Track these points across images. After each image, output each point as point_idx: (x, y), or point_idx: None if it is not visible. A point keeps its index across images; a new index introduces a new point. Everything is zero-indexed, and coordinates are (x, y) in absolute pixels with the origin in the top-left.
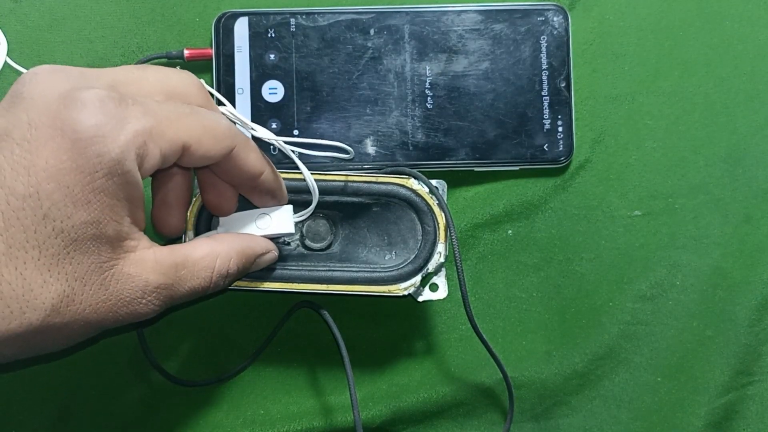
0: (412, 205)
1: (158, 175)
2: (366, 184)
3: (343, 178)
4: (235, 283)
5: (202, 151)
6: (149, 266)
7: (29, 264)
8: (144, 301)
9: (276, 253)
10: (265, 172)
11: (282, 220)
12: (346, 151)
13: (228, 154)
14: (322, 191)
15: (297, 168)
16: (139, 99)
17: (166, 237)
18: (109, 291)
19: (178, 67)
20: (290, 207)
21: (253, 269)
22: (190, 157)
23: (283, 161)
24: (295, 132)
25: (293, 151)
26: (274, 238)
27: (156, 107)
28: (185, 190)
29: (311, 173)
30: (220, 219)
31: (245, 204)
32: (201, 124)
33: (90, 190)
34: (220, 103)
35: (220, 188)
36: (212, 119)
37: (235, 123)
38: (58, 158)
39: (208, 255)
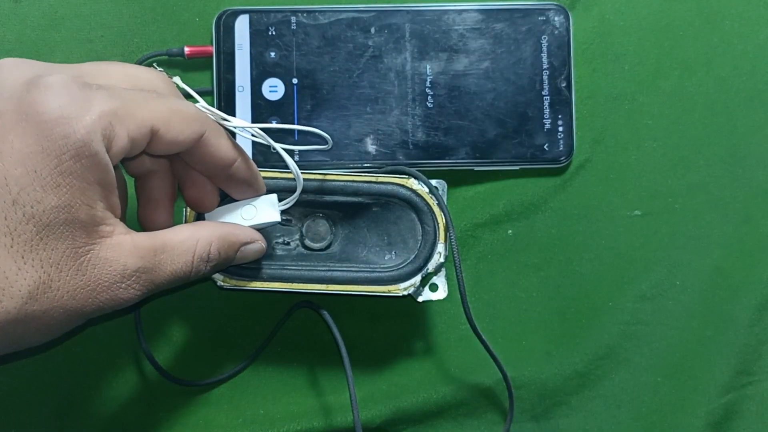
0: (412, 205)
1: (140, 173)
2: (366, 184)
3: (342, 177)
4: (235, 283)
5: (171, 135)
6: (127, 250)
7: (2, 251)
8: (123, 285)
9: (264, 245)
10: (239, 160)
11: (267, 209)
12: (324, 140)
13: (198, 140)
14: (322, 191)
15: (288, 167)
16: (105, 85)
17: None
18: (86, 276)
19: (159, 70)
20: (275, 196)
21: (240, 260)
22: (160, 141)
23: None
24: (295, 130)
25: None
26: (268, 236)
27: (122, 92)
28: (169, 187)
29: (311, 173)
30: (206, 214)
31: (231, 201)
32: (168, 107)
33: (58, 173)
34: (194, 100)
35: (199, 182)
36: (180, 104)
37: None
38: (24, 142)
39: (188, 239)
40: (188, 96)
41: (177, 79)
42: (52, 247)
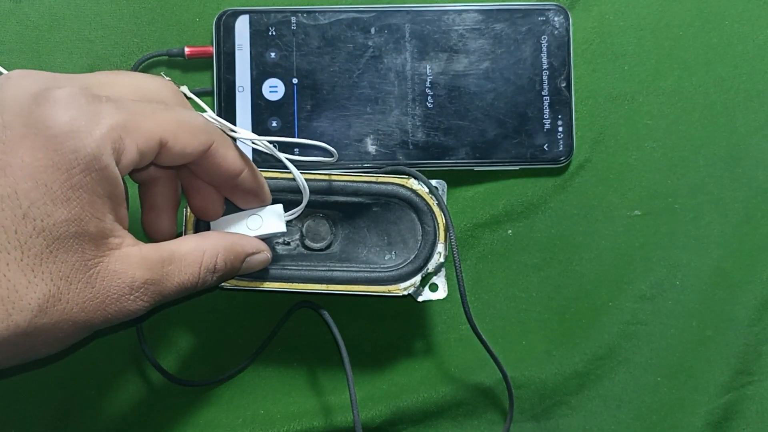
0: (412, 205)
1: (144, 180)
2: (366, 184)
3: (342, 177)
4: (235, 283)
5: (179, 147)
6: (135, 262)
7: (12, 265)
8: (132, 297)
9: (269, 255)
10: (245, 170)
11: (273, 219)
12: (329, 153)
13: (206, 151)
14: (322, 191)
15: (291, 173)
16: (113, 97)
17: (159, 241)
18: (95, 289)
19: (160, 74)
20: (280, 206)
21: (245, 270)
22: (168, 153)
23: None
24: (295, 130)
25: (275, 148)
26: (269, 239)
27: (130, 104)
28: (173, 193)
29: (311, 173)
30: (211, 223)
31: (236, 209)
32: (176, 119)
33: (68, 187)
34: (201, 109)
35: (204, 192)
36: (188, 115)
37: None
38: (33, 156)
39: (194, 250)
40: (196, 105)
41: (185, 89)
42: (62, 260)
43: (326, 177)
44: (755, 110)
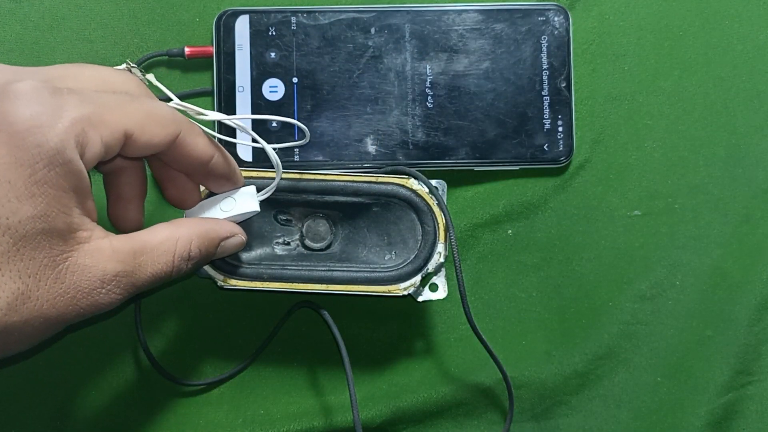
0: (412, 205)
1: (109, 171)
2: (366, 184)
3: (342, 177)
4: (235, 283)
5: (146, 138)
6: (106, 255)
7: None
8: (104, 291)
9: (244, 238)
10: (216, 156)
11: (246, 199)
12: (302, 133)
13: (174, 141)
14: (322, 191)
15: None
16: (76, 89)
17: (126, 232)
18: (65, 284)
19: (133, 66)
20: (253, 187)
21: (220, 254)
22: (134, 144)
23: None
24: (295, 130)
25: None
26: (242, 222)
27: (94, 95)
28: (140, 182)
29: (311, 173)
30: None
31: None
32: (142, 110)
33: (33, 183)
34: (170, 100)
35: (178, 181)
36: (153, 105)
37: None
38: None
39: (167, 239)
40: (162, 93)
41: (151, 77)
42: (30, 257)
43: (326, 177)
44: (755, 110)
